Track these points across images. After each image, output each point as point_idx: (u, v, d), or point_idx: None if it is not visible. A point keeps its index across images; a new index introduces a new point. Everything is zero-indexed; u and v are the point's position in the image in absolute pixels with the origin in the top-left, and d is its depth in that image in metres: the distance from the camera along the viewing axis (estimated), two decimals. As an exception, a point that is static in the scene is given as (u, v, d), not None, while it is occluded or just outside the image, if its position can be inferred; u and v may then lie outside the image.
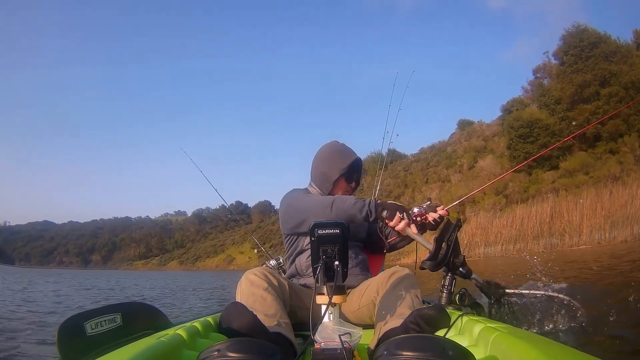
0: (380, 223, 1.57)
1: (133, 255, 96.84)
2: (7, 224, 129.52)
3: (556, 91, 25.35)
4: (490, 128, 33.30)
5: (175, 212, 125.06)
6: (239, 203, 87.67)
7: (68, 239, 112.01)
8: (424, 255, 1.68)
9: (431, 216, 1.68)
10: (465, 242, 19.37)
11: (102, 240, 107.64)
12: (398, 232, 1.61)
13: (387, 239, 1.76)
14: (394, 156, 44.71)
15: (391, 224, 1.51)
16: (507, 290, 1.80)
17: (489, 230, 19.26)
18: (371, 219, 1.51)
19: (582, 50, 23.99)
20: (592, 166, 21.90)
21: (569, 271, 5.94)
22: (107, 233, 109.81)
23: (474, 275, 1.70)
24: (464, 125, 38.86)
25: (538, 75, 28.10)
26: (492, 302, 1.78)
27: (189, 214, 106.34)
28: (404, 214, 1.50)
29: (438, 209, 1.71)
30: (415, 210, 1.68)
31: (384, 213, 1.50)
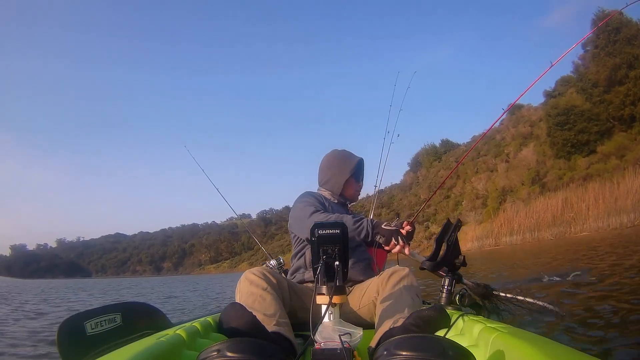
0: (376, 244, 1.73)
1: (204, 260, 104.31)
2: (81, 238, 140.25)
3: (592, 74, 25.65)
4: (537, 112, 33.47)
5: (239, 215, 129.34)
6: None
7: (140, 248, 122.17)
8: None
9: (401, 232, 1.83)
10: (495, 232, 22.79)
11: (172, 247, 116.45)
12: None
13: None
14: (447, 146, 44.78)
15: (387, 248, 1.63)
16: (494, 292, 2.06)
17: (513, 221, 21.96)
18: (368, 240, 1.66)
19: (609, 35, 24.45)
20: (628, 148, 22.31)
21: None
22: (177, 240, 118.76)
23: (464, 280, 1.86)
24: (514, 109, 38.71)
25: (588, 48, 27.35)
26: (481, 301, 2.05)
27: (254, 216, 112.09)
28: (399, 238, 1.60)
29: (404, 224, 1.84)
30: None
31: (380, 238, 1.62)
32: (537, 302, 2.15)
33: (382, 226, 1.63)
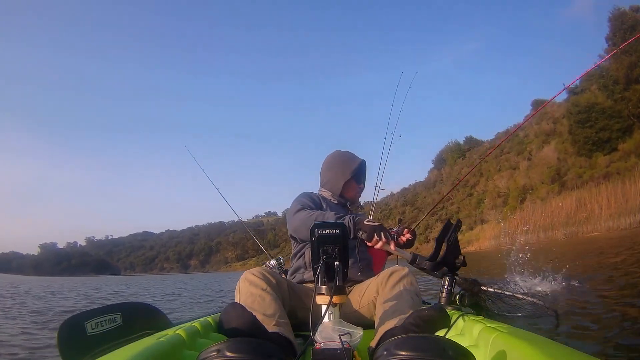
0: (358, 241, 1.74)
1: (230, 258, 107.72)
2: (110, 237, 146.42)
3: (613, 71, 25.65)
4: (560, 109, 33.38)
5: (265, 213, 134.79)
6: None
7: (167, 246, 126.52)
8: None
9: (401, 239, 1.90)
10: (511, 231, 23.23)
11: (198, 245, 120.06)
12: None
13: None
14: (471, 143, 44.71)
15: (370, 244, 1.63)
16: (482, 287, 2.18)
17: (529, 220, 22.46)
18: (350, 237, 1.65)
19: (625, 33, 24.47)
20: (647, 147, 22.43)
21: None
22: (203, 238, 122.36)
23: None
24: (538, 105, 38.78)
25: (611, 43, 27.38)
26: (469, 294, 2.11)
27: (280, 214, 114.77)
28: (382, 233, 1.60)
29: (405, 231, 1.92)
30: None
31: (362, 234, 1.62)
32: (526, 298, 2.21)
33: (364, 222, 1.64)
